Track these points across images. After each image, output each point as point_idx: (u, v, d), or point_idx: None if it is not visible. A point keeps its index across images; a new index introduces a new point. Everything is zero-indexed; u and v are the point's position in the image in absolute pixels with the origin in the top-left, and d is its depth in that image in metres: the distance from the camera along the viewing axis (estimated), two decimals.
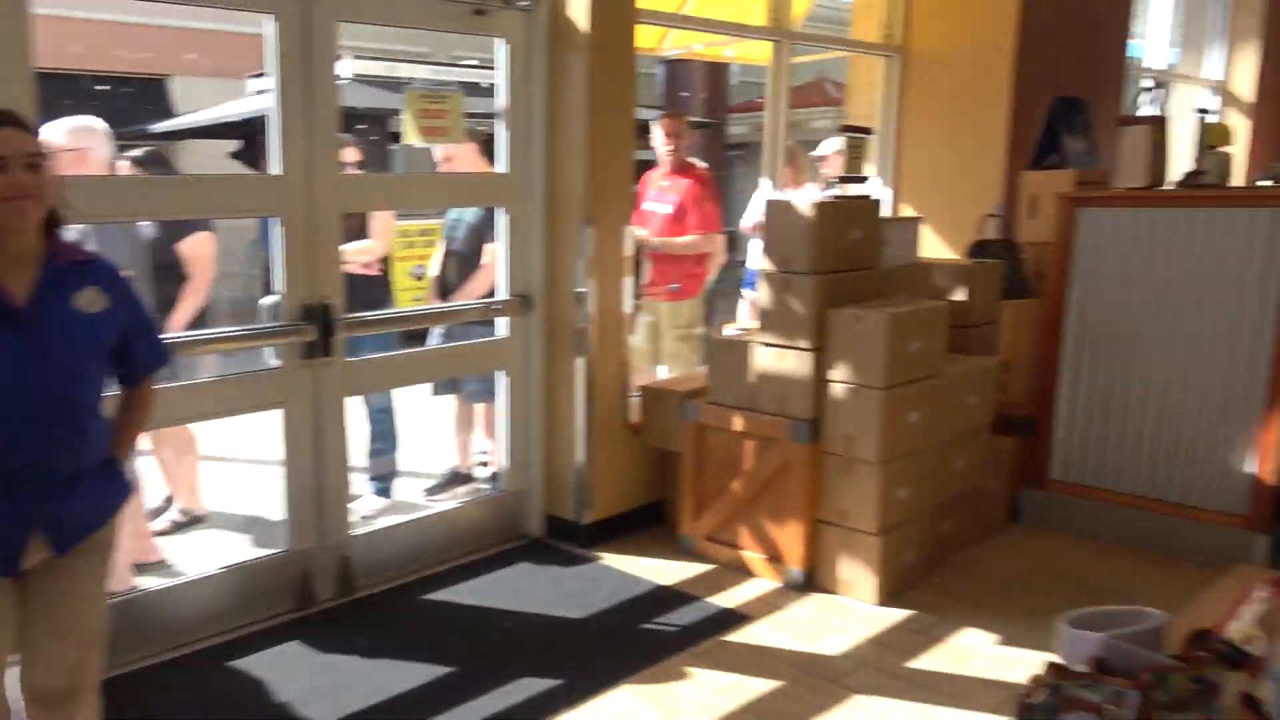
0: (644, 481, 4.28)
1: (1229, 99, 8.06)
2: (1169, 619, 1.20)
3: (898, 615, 3.50)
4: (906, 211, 5.55)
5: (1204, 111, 4.63)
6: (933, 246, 5.34)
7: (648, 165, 5.06)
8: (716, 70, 13.42)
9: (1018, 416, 4.41)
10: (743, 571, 3.84)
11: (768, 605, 3.58)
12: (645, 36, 5.61)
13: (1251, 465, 3.87)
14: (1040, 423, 4.39)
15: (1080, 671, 1.11)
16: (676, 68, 13.19)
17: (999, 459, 4.24)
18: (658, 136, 4.92)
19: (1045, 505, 4.39)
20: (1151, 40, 7.35)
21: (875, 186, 5.58)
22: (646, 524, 4.27)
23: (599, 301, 3.96)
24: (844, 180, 3.74)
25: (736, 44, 6.40)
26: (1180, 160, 4.99)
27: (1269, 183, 5.60)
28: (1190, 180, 4.32)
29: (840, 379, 3.54)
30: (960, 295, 4.13)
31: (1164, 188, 4.28)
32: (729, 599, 3.63)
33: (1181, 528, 4.02)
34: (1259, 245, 3.77)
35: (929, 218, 5.41)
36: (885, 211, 5.51)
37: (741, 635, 3.35)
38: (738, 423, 3.79)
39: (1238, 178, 6.97)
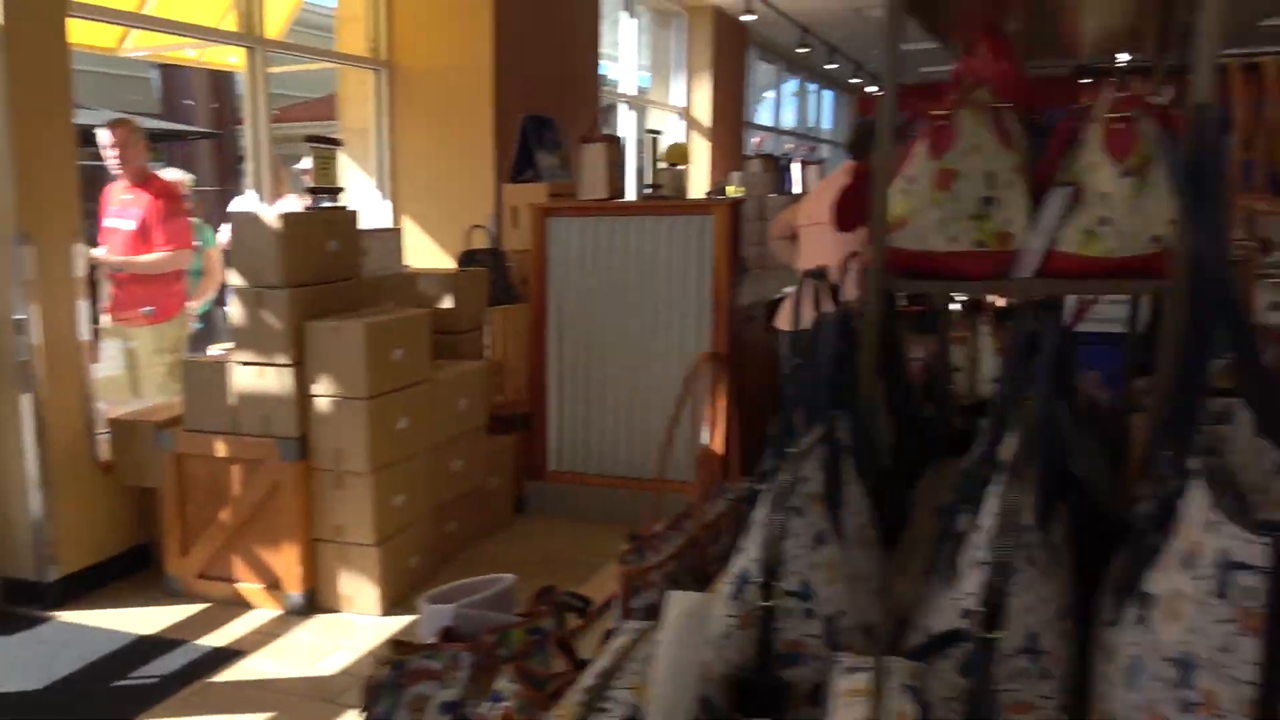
0: (122, 524, 3.87)
1: (693, 123, 9.23)
2: (514, 581, 1.32)
3: (402, 622, 3.52)
4: (406, 222, 5.62)
5: (654, 133, 5.26)
6: (433, 256, 5.47)
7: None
8: (222, 79, 12.56)
9: (515, 415, 4.66)
10: (239, 605, 3.62)
11: (265, 636, 3.42)
12: (100, 35, 5.10)
13: (704, 438, 4.45)
14: (536, 419, 4.68)
15: (422, 644, 1.18)
16: (175, 74, 12.14)
17: (499, 456, 4.45)
18: (104, 146, 4.45)
19: (546, 495, 4.69)
20: (624, 66, 8.17)
21: (373, 197, 5.59)
22: (129, 571, 3.87)
23: (45, 330, 3.51)
24: (316, 192, 3.68)
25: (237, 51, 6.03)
26: (646, 175, 5.59)
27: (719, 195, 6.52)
28: (649, 193, 4.88)
29: (323, 392, 3.49)
30: (448, 303, 4.27)
31: (624, 199, 4.78)
32: (221, 636, 3.40)
33: (658, 501, 4.50)
34: (694, 246, 4.35)
35: (427, 228, 5.53)
36: (385, 222, 5.54)
37: (232, 673, 3.16)
38: (220, 448, 3.57)
39: (697, 191, 8.02)
